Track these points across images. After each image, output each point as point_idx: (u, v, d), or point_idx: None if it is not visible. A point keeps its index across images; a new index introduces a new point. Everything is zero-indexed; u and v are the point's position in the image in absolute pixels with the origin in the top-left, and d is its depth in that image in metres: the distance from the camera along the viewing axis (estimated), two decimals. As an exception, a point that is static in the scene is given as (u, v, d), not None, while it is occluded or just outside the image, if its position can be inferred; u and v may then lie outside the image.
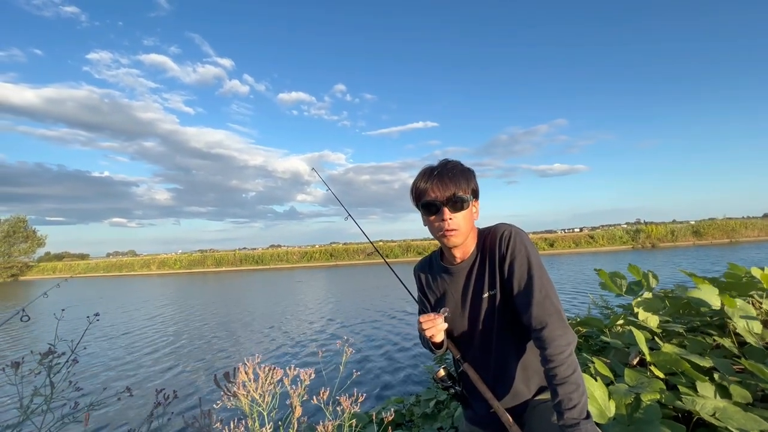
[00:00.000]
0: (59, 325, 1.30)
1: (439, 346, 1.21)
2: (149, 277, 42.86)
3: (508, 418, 1.09)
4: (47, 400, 1.20)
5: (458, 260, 1.20)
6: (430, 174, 1.13)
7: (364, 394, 1.30)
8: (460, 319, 1.21)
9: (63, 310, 1.42)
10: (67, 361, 1.20)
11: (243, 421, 1.13)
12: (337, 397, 1.27)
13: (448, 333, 1.23)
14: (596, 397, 1.44)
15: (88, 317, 1.31)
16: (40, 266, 60.21)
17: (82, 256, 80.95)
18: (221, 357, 7.85)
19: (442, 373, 1.25)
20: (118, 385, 6.37)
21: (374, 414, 2.09)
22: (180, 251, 65.95)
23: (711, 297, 1.92)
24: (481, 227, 1.24)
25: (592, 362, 1.72)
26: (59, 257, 77.89)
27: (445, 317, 1.16)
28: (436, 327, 1.13)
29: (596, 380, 1.48)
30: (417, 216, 1.21)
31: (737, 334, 1.89)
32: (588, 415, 0.92)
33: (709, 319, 2.11)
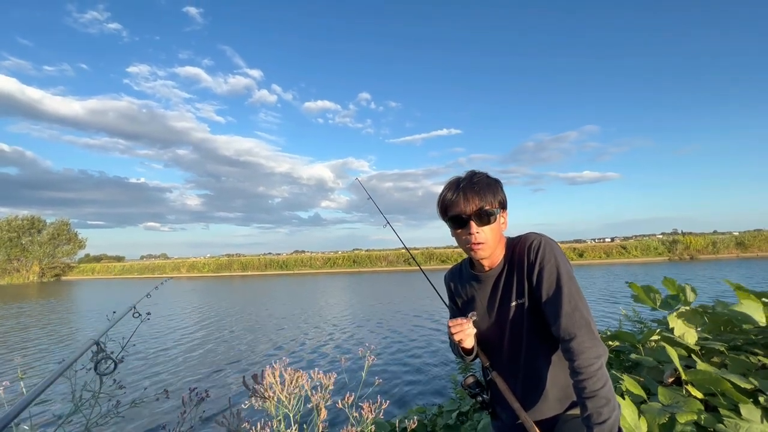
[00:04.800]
0: (103, 324, 1.40)
1: (469, 352, 1.21)
2: (179, 280, 44.52)
3: (536, 430, 1.07)
4: (95, 396, 1.28)
5: (487, 268, 1.20)
6: (456, 186, 1.13)
7: (388, 401, 1.31)
8: (488, 326, 1.20)
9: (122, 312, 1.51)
10: (114, 360, 1.28)
11: (270, 422, 1.17)
12: (360, 404, 1.28)
13: (477, 340, 1.22)
14: (625, 416, 1.38)
15: (140, 315, 1.40)
16: (81, 267, 63.87)
17: (119, 258, 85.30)
18: (248, 360, 8.04)
19: (470, 380, 1.25)
20: (152, 382, 6.65)
21: (397, 422, 2.08)
22: (208, 255, 68.54)
23: (755, 313, 1.81)
24: (510, 236, 1.23)
25: (622, 379, 1.65)
26: (98, 259, 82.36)
27: (473, 321, 1.16)
28: (465, 332, 1.14)
29: (624, 398, 1.42)
30: (440, 223, 1.22)
31: (786, 355, 1.77)
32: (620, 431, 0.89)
33: (754, 337, 1.98)
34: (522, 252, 1.13)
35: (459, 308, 1.32)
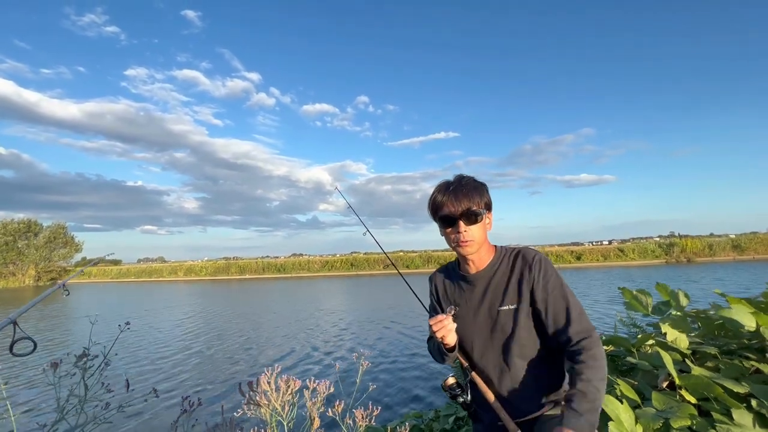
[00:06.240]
0: (94, 329, 1.39)
1: (452, 349, 1.23)
2: (176, 284, 44.27)
3: (515, 428, 1.10)
4: (81, 401, 1.27)
5: (474, 270, 1.25)
6: (446, 189, 1.21)
7: (380, 408, 1.31)
8: (471, 327, 1.24)
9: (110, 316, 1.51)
10: (100, 365, 1.27)
11: (264, 430, 1.17)
12: (353, 411, 1.28)
13: (459, 341, 1.25)
14: (622, 420, 1.38)
15: (119, 326, 1.39)
16: (76, 271, 63.30)
17: (115, 262, 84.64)
18: (242, 366, 7.99)
19: (450, 381, 1.26)
20: (143, 388, 6.59)
21: (390, 428, 2.07)
22: (206, 258, 68.10)
23: (744, 317, 1.82)
24: (501, 245, 1.30)
25: (617, 383, 1.66)
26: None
27: (453, 315, 1.21)
28: (446, 327, 1.17)
29: (623, 402, 1.43)
30: (438, 227, 1.27)
31: (779, 359, 1.77)
32: (595, 421, 0.95)
33: (746, 341, 1.99)
34: (523, 264, 1.20)
35: (443, 307, 1.35)
